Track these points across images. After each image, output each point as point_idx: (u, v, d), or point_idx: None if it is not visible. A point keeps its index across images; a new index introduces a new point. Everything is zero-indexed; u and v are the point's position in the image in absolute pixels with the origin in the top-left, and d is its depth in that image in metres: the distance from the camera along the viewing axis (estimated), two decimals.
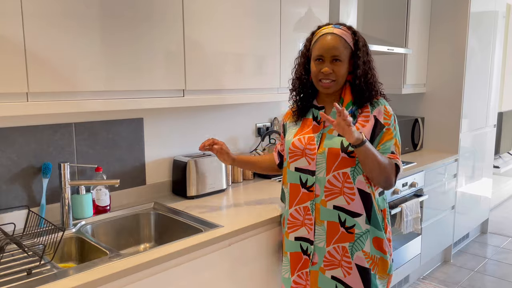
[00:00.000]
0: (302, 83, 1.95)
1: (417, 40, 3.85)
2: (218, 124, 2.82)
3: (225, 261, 1.92)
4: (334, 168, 1.82)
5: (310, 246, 1.90)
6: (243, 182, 2.81)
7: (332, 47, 1.80)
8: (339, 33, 1.82)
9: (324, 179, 1.84)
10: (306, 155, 1.87)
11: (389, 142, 1.83)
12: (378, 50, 3.09)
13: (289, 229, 1.95)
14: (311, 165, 1.86)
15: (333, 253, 1.88)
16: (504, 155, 6.38)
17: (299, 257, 1.94)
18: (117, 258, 1.62)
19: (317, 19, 2.77)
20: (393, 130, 1.85)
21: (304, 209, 1.90)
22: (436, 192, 3.70)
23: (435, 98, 4.08)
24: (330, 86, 1.84)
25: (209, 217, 2.09)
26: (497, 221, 5.28)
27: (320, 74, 1.84)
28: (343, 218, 1.84)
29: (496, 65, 4.54)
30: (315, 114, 1.94)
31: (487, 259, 4.24)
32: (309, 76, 1.93)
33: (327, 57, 1.81)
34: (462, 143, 4.04)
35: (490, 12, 4.25)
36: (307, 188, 1.88)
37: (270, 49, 2.54)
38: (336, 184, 1.83)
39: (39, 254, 1.61)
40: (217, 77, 2.26)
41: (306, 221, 1.90)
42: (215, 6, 2.19)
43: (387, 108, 1.86)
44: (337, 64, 1.81)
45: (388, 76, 3.82)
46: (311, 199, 1.88)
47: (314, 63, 1.86)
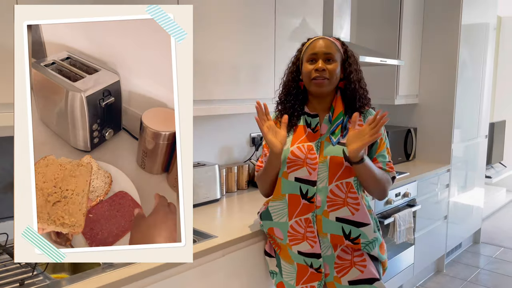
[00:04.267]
0: (289, 90, 1.93)
1: (409, 51, 3.89)
2: (212, 134, 2.83)
3: (219, 272, 1.91)
4: (337, 178, 1.79)
5: (317, 260, 1.86)
6: (237, 192, 2.82)
7: (325, 46, 1.81)
8: (331, 39, 1.85)
9: (326, 189, 1.80)
10: (307, 164, 1.82)
11: (384, 151, 1.86)
12: (371, 61, 3.11)
13: (290, 241, 1.89)
14: (312, 175, 1.81)
15: (343, 255, 1.86)
16: (496, 165, 6.43)
17: (305, 270, 1.90)
18: (111, 269, 1.61)
19: (311, 30, 2.79)
20: (385, 139, 1.87)
21: (305, 221, 1.84)
22: (429, 202, 3.72)
23: (428, 108, 4.11)
24: (323, 84, 1.80)
25: (203, 228, 2.08)
26: (490, 231, 5.30)
27: (313, 72, 1.80)
28: (347, 230, 1.82)
29: (488, 76, 4.58)
30: (308, 121, 1.89)
31: (480, 269, 4.25)
32: (298, 83, 1.91)
33: (320, 55, 1.80)
34: (454, 153, 4.06)
35: (481, 24, 4.30)
36: (307, 199, 1.83)
37: (265, 59, 2.55)
38: (339, 195, 1.80)
39: (32, 265, 1.60)
40: (211, 87, 2.27)
41: (308, 234, 1.85)
42: (208, 15, 2.20)
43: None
44: (330, 63, 1.80)
45: (381, 87, 3.85)
46: (311, 210, 1.83)
47: (307, 64, 1.83)
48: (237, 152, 3.02)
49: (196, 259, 1.81)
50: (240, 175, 2.86)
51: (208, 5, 2.19)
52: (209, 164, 2.57)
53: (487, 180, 5.41)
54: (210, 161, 2.79)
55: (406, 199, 3.35)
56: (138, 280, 1.60)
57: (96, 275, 1.56)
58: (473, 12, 4.06)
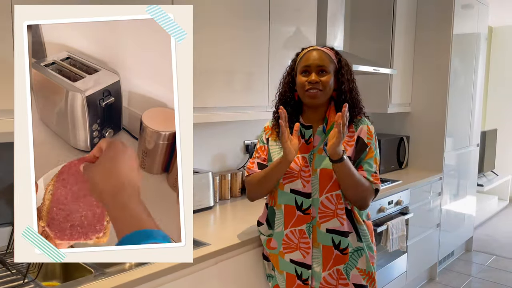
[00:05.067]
0: (286, 101, 1.93)
1: (402, 60, 3.93)
2: (206, 141, 2.83)
3: (212, 280, 1.90)
4: (327, 190, 1.82)
5: (306, 271, 1.87)
6: (231, 199, 2.81)
7: (318, 58, 1.82)
8: (324, 50, 1.85)
9: (318, 200, 1.83)
10: (302, 177, 1.84)
11: (371, 160, 1.86)
12: (364, 70, 3.14)
13: (284, 249, 1.91)
14: (306, 188, 1.84)
15: (329, 280, 1.87)
16: (488, 173, 6.48)
17: (293, 280, 1.91)
18: (102, 276, 1.60)
19: (305, 38, 2.81)
20: (374, 148, 1.88)
21: (299, 232, 1.86)
22: (421, 210, 3.73)
23: (420, 117, 4.14)
24: (317, 96, 1.82)
25: (196, 235, 2.05)
26: (482, 239, 5.32)
27: (306, 84, 1.81)
28: (337, 240, 1.84)
29: (479, 85, 4.64)
30: (303, 132, 1.90)
31: (472, 277, 4.26)
32: (293, 93, 1.92)
33: (313, 67, 1.81)
34: (446, 162, 4.09)
35: (473, 34, 4.36)
36: (302, 211, 1.85)
37: (259, 67, 2.56)
38: (329, 206, 1.83)
39: (23, 272, 1.59)
40: (205, 94, 2.26)
41: (302, 244, 1.87)
42: (202, 23, 2.20)
43: (370, 128, 1.89)
44: (323, 75, 1.81)
45: (374, 96, 3.87)
46: (307, 222, 1.85)
47: (301, 75, 1.85)
48: (231, 160, 3.02)
49: (189, 267, 1.79)
50: (233, 183, 2.86)
51: (202, 13, 2.19)
52: (203, 171, 2.57)
53: (479, 188, 5.46)
54: (204, 168, 2.79)
55: (398, 207, 3.36)
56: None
57: (87, 283, 1.55)
58: (464, 22, 4.11)
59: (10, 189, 1.96)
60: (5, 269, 1.65)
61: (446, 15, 3.90)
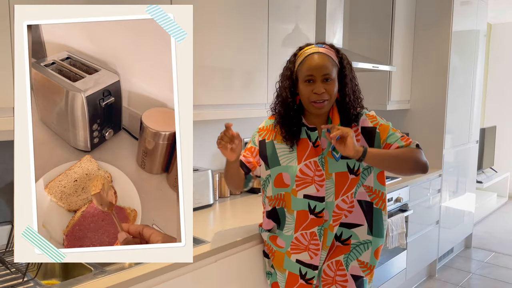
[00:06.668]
0: (288, 107, 1.84)
1: (401, 57, 3.92)
2: (205, 139, 2.83)
3: (211, 277, 1.90)
4: (343, 192, 1.80)
5: (312, 271, 1.86)
6: (230, 197, 2.81)
7: (322, 66, 1.73)
8: (325, 52, 1.77)
9: (333, 203, 1.81)
10: (315, 182, 1.81)
11: (390, 132, 1.83)
12: (364, 67, 3.13)
13: (292, 249, 1.88)
14: (320, 192, 1.80)
15: (327, 271, 1.86)
16: (487, 170, 6.49)
17: (295, 279, 1.90)
18: (102, 274, 1.60)
19: (304, 36, 2.81)
20: (384, 122, 1.85)
21: (310, 235, 1.84)
22: (421, 207, 3.74)
23: (419, 114, 4.14)
24: (323, 107, 1.77)
25: (196, 233, 2.05)
26: (481, 235, 5.33)
27: (312, 96, 1.75)
28: (339, 232, 1.84)
29: (478, 82, 4.63)
30: (309, 134, 1.86)
31: (472, 273, 4.27)
32: (295, 98, 1.84)
33: (318, 76, 1.74)
34: (445, 159, 4.10)
35: (472, 31, 4.36)
36: (315, 214, 1.82)
37: (257, 65, 2.56)
38: (343, 207, 1.81)
39: (22, 271, 1.59)
40: (204, 92, 2.26)
41: (311, 246, 1.85)
42: (201, 20, 2.19)
43: (369, 114, 1.87)
44: (328, 84, 1.74)
45: (373, 93, 3.87)
46: (319, 224, 1.83)
47: (304, 84, 1.77)
48: None
49: (189, 265, 1.79)
50: None
51: (201, 10, 2.18)
52: (202, 169, 2.57)
53: (478, 185, 5.46)
54: (203, 166, 2.79)
55: (398, 204, 3.36)
56: (129, 286, 1.58)
57: (87, 281, 1.54)
58: (463, 19, 4.11)
59: (9, 187, 1.96)
60: (4, 267, 1.65)
61: (445, 12, 3.89)
